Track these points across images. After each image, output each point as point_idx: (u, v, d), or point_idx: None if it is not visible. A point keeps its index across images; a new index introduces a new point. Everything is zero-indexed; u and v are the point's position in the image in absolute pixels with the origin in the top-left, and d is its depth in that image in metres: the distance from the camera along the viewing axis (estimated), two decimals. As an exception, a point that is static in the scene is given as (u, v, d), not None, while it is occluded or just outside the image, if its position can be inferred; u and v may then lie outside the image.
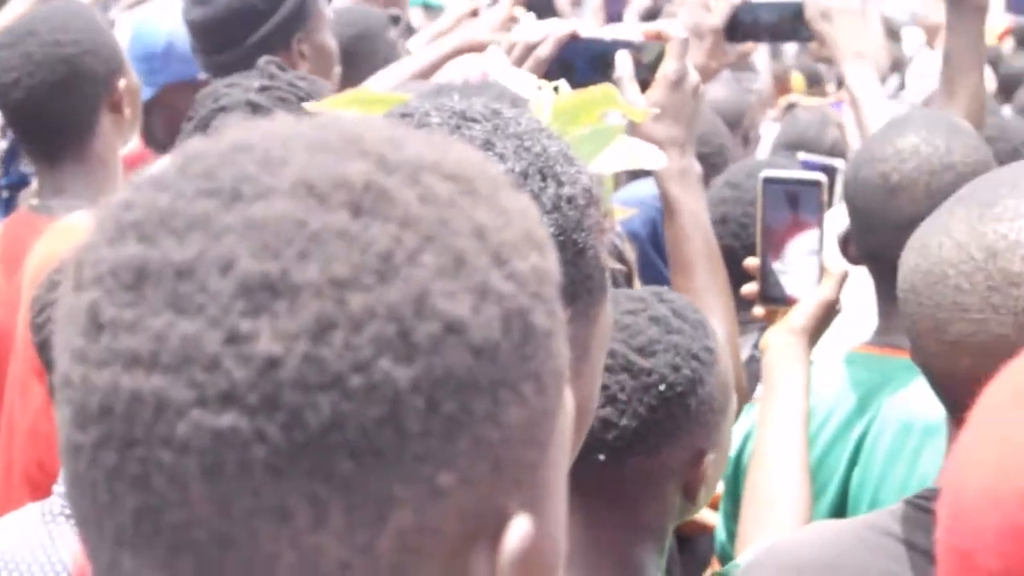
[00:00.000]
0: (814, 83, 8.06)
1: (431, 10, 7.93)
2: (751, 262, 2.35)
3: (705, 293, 2.18)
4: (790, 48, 8.87)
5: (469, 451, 0.73)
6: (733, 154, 4.01)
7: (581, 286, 1.20)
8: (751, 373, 2.58)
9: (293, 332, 0.70)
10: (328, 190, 0.73)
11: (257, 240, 0.72)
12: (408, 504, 0.72)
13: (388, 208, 0.73)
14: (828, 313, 2.25)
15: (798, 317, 2.22)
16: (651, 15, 6.30)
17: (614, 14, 8.29)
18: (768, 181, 2.33)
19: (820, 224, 2.29)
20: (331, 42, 3.34)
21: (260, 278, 0.71)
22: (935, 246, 1.43)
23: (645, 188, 3.21)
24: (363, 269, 0.72)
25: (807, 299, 2.25)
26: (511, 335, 0.74)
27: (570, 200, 1.19)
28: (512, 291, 0.75)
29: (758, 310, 2.33)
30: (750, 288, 2.35)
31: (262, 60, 2.46)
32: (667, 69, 2.20)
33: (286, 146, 0.75)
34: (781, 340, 2.21)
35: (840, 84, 5.15)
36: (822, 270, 2.28)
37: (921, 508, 1.46)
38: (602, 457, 1.73)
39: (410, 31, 4.72)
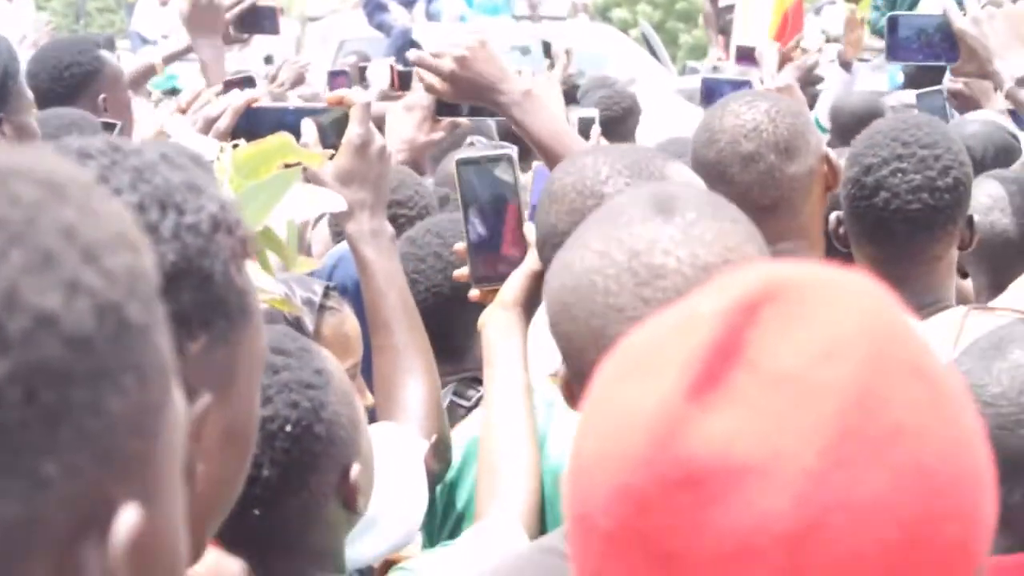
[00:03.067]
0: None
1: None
2: (459, 246, 2.37)
3: (404, 349, 2.25)
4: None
5: (71, 441, 0.76)
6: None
7: (214, 311, 1.19)
8: (455, 417, 2.66)
9: None
10: None
11: None
12: (11, 495, 0.74)
13: None
14: (537, 283, 2.16)
15: (508, 291, 2.21)
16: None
17: None
18: (461, 163, 2.37)
19: (516, 196, 2.33)
20: (33, 123, 3.36)
21: None
22: (577, 260, 1.49)
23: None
24: None
25: (515, 273, 2.23)
26: (105, 327, 0.77)
27: (192, 228, 1.18)
28: (104, 286, 0.78)
29: (474, 292, 2.34)
30: (462, 271, 2.36)
31: None
32: (351, 134, 2.28)
33: None
34: (495, 316, 2.21)
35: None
36: (525, 241, 2.27)
37: None
38: (258, 512, 1.75)
39: None
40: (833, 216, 2.98)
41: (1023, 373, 1.95)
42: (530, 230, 2.23)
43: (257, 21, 3.88)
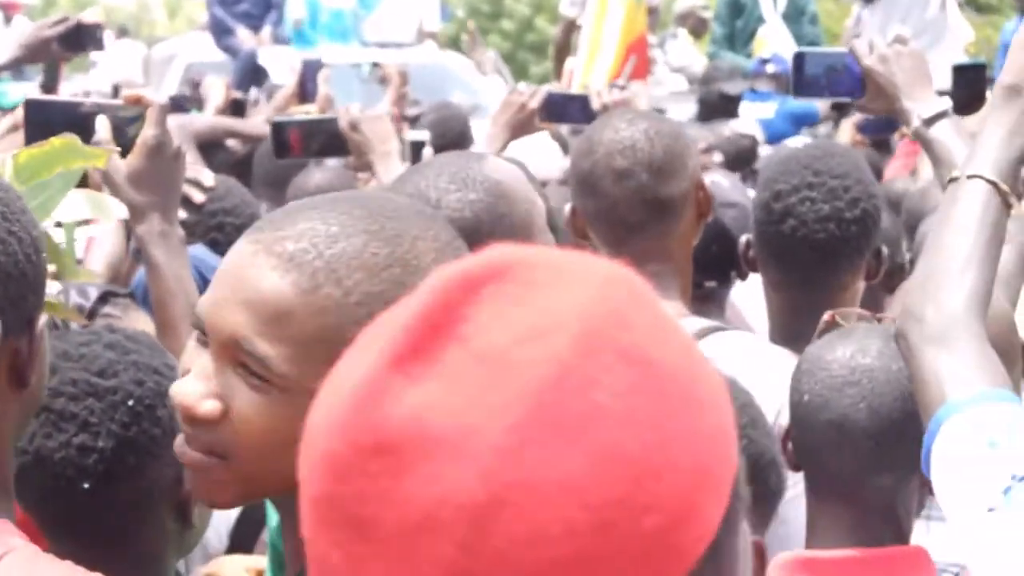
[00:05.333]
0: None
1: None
2: None
3: None
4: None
5: None
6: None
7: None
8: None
9: None
10: None
11: None
12: None
13: None
14: None
15: None
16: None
17: None
18: None
19: None
20: None
21: None
22: None
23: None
24: None
25: None
26: None
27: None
28: None
29: None
30: None
31: None
32: (146, 135, 2.25)
33: None
34: None
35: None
36: None
37: None
38: (87, 485, 1.76)
39: None
40: (743, 239, 3.02)
41: (862, 347, 2.13)
42: None
43: (81, 39, 3.84)
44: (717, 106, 7.65)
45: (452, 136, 5.94)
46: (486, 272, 0.90)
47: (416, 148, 4.53)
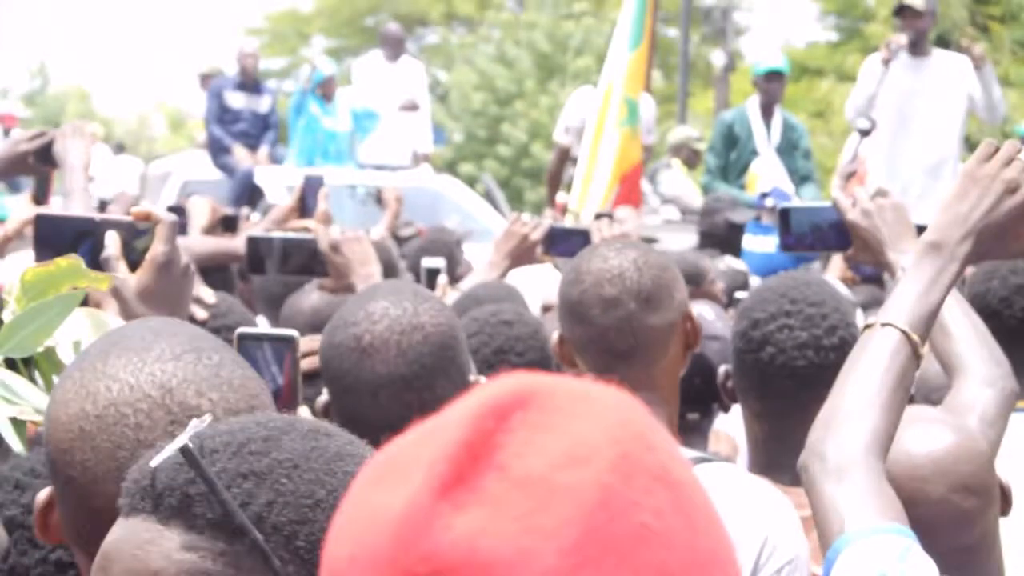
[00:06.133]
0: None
1: None
2: None
3: None
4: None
5: None
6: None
7: None
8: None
9: None
10: None
11: None
12: None
13: None
14: None
15: None
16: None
17: None
18: (242, 338, 2.40)
19: (293, 380, 2.37)
20: None
21: None
22: (103, 389, 1.45)
23: None
24: None
25: None
26: None
27: None
28: None
29: None
30: None
31: None
32: (155, 252, 2.23)
33: None
34: None
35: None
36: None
37: None
38: None
39: None
40: (722, 369, 3.04)
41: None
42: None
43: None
44: (720, 236, 7.68)
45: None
46: (511, 401, 0.94)
47: (431, 275, 4.56)
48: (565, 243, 4.47)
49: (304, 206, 5.10)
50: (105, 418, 1.44)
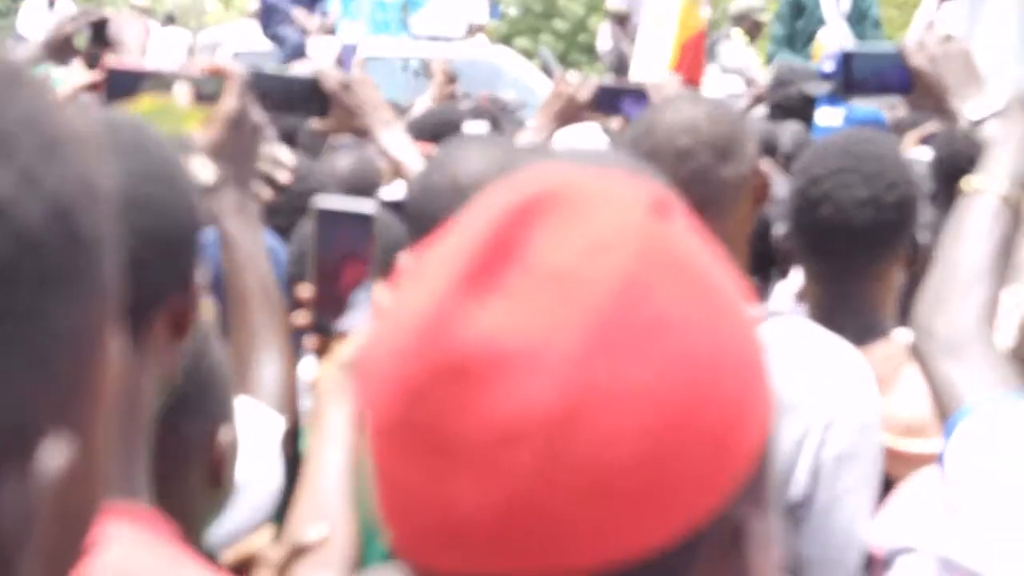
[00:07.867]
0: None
1: None
2: (304, 292, 2.24)
3: (261, 328, 2.21)
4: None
5: (6, 344, 0.67)
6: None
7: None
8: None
9: None
10: None
11: None
12: None
13: None
14: None
15: (347, 352, 2.11)
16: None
17: None
18: (322, 212, 2.28)
19: (369, 258, 2.24)
20: None
21: None
22: None
23: None
24: None
25: (356, 335, 2.13)
26: (54, 228, 0.69)
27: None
28: (58, 185, 0.70)
29: (309, 340, 2.19)
30: (302, 318, 2.24)
31: None
32: (226, 107, 2.24)
33: None
34: (330, 375, 2.11)
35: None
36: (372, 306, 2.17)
37: None
38: None
39: None
40: (779, 230, 2.98)
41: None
42: (379, 294, 2.19)
43: (108, 35, 3.72)
44: (794, 108, 7.41)
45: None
46: (537, 197, 0.94)
47: None
48: (616, 101, 4.26)
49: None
50: None
